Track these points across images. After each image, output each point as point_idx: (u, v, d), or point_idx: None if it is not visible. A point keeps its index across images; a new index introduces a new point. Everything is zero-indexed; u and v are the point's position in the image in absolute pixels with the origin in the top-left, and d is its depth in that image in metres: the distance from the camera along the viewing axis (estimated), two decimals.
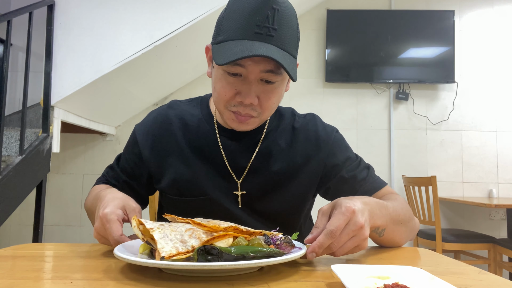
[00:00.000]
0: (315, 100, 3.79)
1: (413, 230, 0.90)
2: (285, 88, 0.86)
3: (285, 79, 0.83)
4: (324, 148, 0.96)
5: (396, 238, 0.83)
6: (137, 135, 0.98)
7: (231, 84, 0.79)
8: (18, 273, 0.60)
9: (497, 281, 0.58)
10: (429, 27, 3.70)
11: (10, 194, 2.14)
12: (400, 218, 0.82)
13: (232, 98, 0.81)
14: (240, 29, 0.75)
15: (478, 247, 2.96)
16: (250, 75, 0.77)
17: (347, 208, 0.65)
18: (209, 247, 0.54)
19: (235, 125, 0.85)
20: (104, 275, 0.58)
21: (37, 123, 2.81)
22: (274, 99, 0.82)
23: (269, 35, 0.74)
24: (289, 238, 0.65)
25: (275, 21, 0.74)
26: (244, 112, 0.81)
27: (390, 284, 0.50)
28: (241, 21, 0.75)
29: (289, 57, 0.76)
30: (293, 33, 0.77)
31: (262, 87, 0.79)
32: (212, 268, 0.52)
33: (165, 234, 0.59)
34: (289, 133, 0.97)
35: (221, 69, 0.79)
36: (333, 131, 1.01)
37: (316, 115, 1.04)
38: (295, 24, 0.78)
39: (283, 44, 0.75)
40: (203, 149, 0.94)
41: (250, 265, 0.53)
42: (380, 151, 3.75)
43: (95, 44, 2.54)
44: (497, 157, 3.71)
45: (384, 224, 0.76)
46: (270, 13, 0.73)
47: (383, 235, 0.79)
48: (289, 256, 0.58)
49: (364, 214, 0.66)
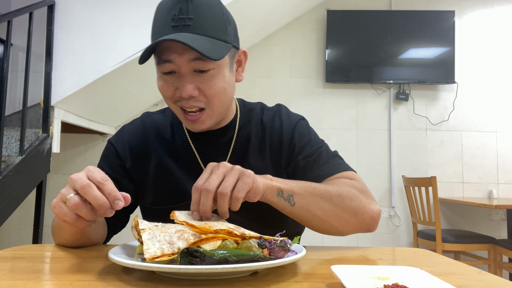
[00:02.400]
0: (315, 100, 3.79)
1: (356, 215, 0.83)
2: (231, 75, 0.85)
3: (223, 65, 0.82)
4: (287, 135, 0.96)
5: (317, 212, 0.80)
6: (116, 147, 0.96)
7: (168, 82, 0.82)
8: (18, 274, 0.60)
9: (497, 281, 0.58)
10: (429, 27, 3.70)
11: (10, 194, 2.14)
12: (323, 192, 0.81)
13: (174, 95, 0.82)
14: (160, 27, 0.79)
15: (478, 247, 2.96)
16: (181, 68, 0.79)
17: (209, 165, 0.71)
18: (193, 249, 0.53)
19: (190, 126, 0.86)
20: (104, 276, 0.58)
21: (37, 123, 2.81)
22: (216, 87, 0.81)
23: (185, 25, 0.76)
24: (284, 242, 0.63)
25: (189, 11, 0.76)
26: (188, 105, 0.82)
27: (390, 284, 0.50)
28: (161, 21, 0.79)
29: (212, 41, 0.77)
30: (215, 18, 0.79)
31: (199, 78, 0.80)
32: (188, 271, 0.51)
33: (154, 235, 0.59)
34: (259, 127, 0.98)
35: (158, 71, 0.83)
36: (297, 118, 1.00)
37: (282, 105, 1.03)
38: (217, 10, 0.80)
39: (204, 31, 0.77)
40: (179, 155, 0.94)
41: (229, 270, 0.51)
42: (380, 152, 3.75)
43: (95, 44, 2.54)
44: (497, 157, 3.71)
45: (287, 188, 0.78)
46: (183, 6, 0.76)
47: (294, 203, 0.78)
48: (271, 262, 0.55)
49: (226, 164, 0.71)
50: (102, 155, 0.98)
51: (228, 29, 0.81)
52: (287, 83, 3.83)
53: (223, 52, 0.78)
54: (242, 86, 3.77)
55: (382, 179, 3.72)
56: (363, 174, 3.54)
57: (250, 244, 0.59)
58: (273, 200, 0.78)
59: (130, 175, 0.95)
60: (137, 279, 0.57)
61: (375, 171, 3.72)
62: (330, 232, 0.85)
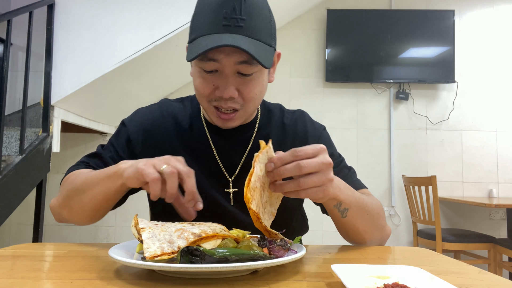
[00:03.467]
0: (315, 100, 3.79)
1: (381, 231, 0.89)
2: (267, 78, 0.86)
3: (265, 70, 0.83)
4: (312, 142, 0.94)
5: (359, 226, 0.83)
6: (129, 129, 0.95)
7: (208, 80, 0.80)
8: (18, 273, 0.60)
9: (497, 281, 0.58)
10: (429, 27, 3.70)
11: (10, 194, 2.14)
12: (367, 207, 0.83)
13: (212, 94, 0.81)
14: (209, 24, 0.75)
15: (478, 247, 2.96)
16: (225, 68, 0.77)
17: (318, 145, 0.67)
18: (193, 248, 0.53)
19: (220, 123, 0.86)
20: (104, 275, 0.58)
21: (37, 123, 2.81)
22: (255, 90, 0.81)
23: (237, 25, 0.74)
24: (284, 241, 0.63)
25: (242, 11, 0.74)
26: (226, 105, 0.81)
27: (390, 283, 0.50)
28: (210, 15, 0.75)
29: (262, 45, 0.76)
30: (264, 21, 0.77)
31: (240, 80, 0.79)
32: (188, 270, 0.51)
33: (153, 234, 0.59)
34: (279, 128, 0.98)
35: (197, 67, 0.80)
36: (321, 128, 1.02)
37: (305, 112, 1.04)
38: (266, 12, 0.78)
39: (254, 33, 0.75)
40: (195, 147, 0.93)
41: (229, 269, 0.52)
42: (380, 151, 3.75)
43: (95, 44, 2.54)
44: (497, 157, 3.71)
45: (346, 201, 0.77)
46: (237, 4, 0.74)
47: (346, 216, 0.79)
48: (271, 261, 0.55)
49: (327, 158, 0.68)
50: (113, 134, 0.98)
51: (273, 33, 0.81)
52: (287, 83, 3.82)
53: (271, 58, 0.78)
54: None
55: (382, 178, 3.72)
56: (363, 174, 3.54)
57: (250, 243, 0.59)
58: (329, 207, 0.78)
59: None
60: (137, 278, 0.57)
61: (375, 170, 3.72)
62: (355, 242, 0.89)
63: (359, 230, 0.84)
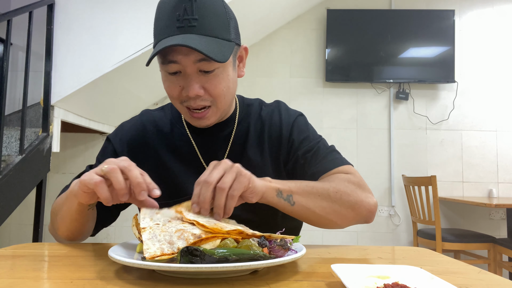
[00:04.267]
0: (315, 100, 3.79)
1: (354, 209, 0.85)
2: (234, 73, 0.87)
3: (227, 64, 0.83)
4: (286, 130, 0.98)
5: (316, 209, 0.82)
6: (114, 144, 0.97)
7: (174, 82, 0.83)
8: (18, 273, 0.60)
9: (497, 280, 0.58)
10: (429, 26, 3.70)
11: (10, 193, 2.14)
12: (318, 189, 0.83)
13: (180, 95, 0.83)
14: (165, 27, 0.78)
15: (478, 246, 2.96)
16: (186, 68, 0.80)
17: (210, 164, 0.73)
18: (192, 248, 0.53)
19: (195, 122, 0.88)
20: (104, 275, 0.58)
21: (37, 123, 2.81)
22: (220, 86, 0.83)
23: (190, 26, 0.76)
24: (284, 240, 0.63)
25: (194, 11, 0.76)
26: (195, 104, 0.83)
27: (390, 283, 0.50)
28: (165, 20, 0.79)
29: (217, 41, 0.78)
30: (219, 17, 0.79)
31: (204, 77, 0.81)
32: (188, 270, 0.51)
33: (154, 235, 0.59)
34: (258, 122, 0.99)
35: (163, 71, 0.83)
36: (295, 115, 1.01)
37: (281, 102, 1.05)
38: (220, 8, 0.80)
39: (208, 31, 0.77)
40: (179, 150, 0.96)
41: (229, 268, 0.52)
42: (380, 151, 3.75)
43: (95, 44, 2.54)
44: (497, 157, 3.71)
45: (285, 189, 0.79)
46: (187, 6, 0.76)
47: (294, 203, 0.80)
48: (271, 261, 0.55)
49: (227, 161, 0.72)
50: (100, 151, 0.99)
51: (231, 27, 0.82)
52: (287, 83, 3.82)
53: (228, 53, 0.79)
54: (242, 85, 3.77)
55: (382, 178, 3.72)
56: (363, 173, 3.53)
57: (250, 243, 0.59)
58: (273, 201, 0.79)
59: None
60: (137, 278, 0.57)
61: (375, 170, 3.72)
62: (329, 227, 0.87)
63: (320, 215, 0.83)
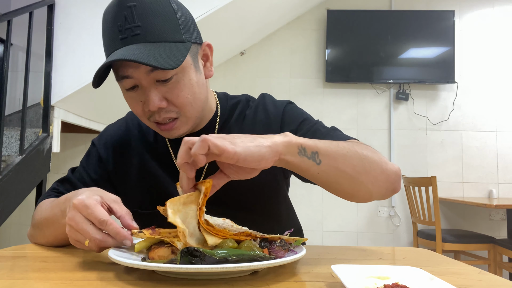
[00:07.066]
0: (315, 100, 3.80)
1: (384, 170, 0.76)
2: (197, 76, 0.78)
3: (186, 68, 0.75)
4: (275, 123, 0.90)
5: (346, 168, 0.70)
6: (99, 149, 0.94)
7: (134, 98, 0.77)
8: (18, 274, 0.60)
9: (497, 281, 0.58)
10: (429, 27, 3.70)
11: (10, 194, 2.14)
12: (347, 148, 0.72)
13: (143, 110, 0.77)
14: (110, 41, 0.73)
15: (478, 247, 2.96)
16: (141, 81, 0.73)
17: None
18: (192, 249, 0.53)
19: (166, 134, 0.81)
20: (104, 275, 0.58)
21: (37, 123, 2.81)
22: (183, 93, 0.75)
23: (134, 35, 0.70)
24: (284, 241, 0.63)
25: (135, 18, 0.70)
26: (161, 118, 0.76)
27: (390, 284, 0.50)
28: (109, 33, 0.73)
29: (166, 46, 0.71)
30: (166, 19, 0.72)
31: (163, 87, 0.74)
32: (188, 271, 0.51)
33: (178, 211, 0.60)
34: (241, 120, 0.92)
35: (121, 88, 0.78)
36: (283, 104, 0.93)
37: (266, 94, 0.96)
38: (165, 8, 0.72)
39: (154, 36, 0.70)
40: (162, 159, 0.91)
41: (229, 269, 0.52)
42: (380, 151, 3.73)
43: (95, 44, 2.54)
44: (497, 157, 3.71)
45: (311, 145, 0.67)
46: (127, 13, 0.70)
47: (320, 161, 0.68)
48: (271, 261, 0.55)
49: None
50: (84, 155, 0.97)
51: (183, 27, 0.74)
52: (287, 83, 3.83)
53: (182, 56, 0.71)
54: (242, 86, 3.78)
55: None
56: None
57: (251, 244, 0.59)
58: (295, 160, 0.66)
59: (112, 178, 0.93)
60: (137, 279, 0.57)
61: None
62: (360, 193, 0.75)
63: (351, 175, 0.71)
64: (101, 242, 0.61)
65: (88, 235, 0.60)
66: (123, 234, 0.61)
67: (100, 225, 0.61)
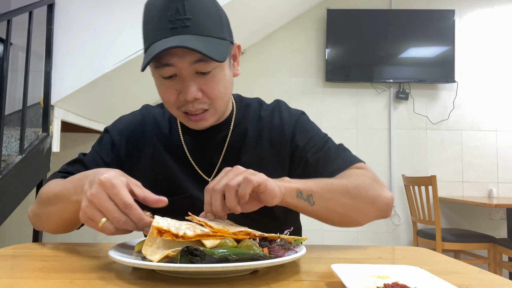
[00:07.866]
0: (315, 99, 3.79)
1: (372, 204, 0.84)
2: (230, 73, 0.84)
3: (224, 64, 0.80)
4: (288, 130, 0.94)
5: (336, 208, 0.80)
6: (112, 135, 0.95)
7: (170, 87, 0.79)
8: (18, 273, 0.60)
9: (497, 280, 0.58)
10: (429, 26, 3.70)
11: (10, 193, 2.14)
12: (338, 187, 0.80)
13: (177, 100, 0.80)
14: (157, 29, 0.75)
15: (478, 246, 2.96)
16: (182, 71, 0.76)
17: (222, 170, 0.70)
18: (193, 248, 0.53)
19: (192, 125, 0.85)
20: (104, 275, 0.58)
21: (37, 123, 2.81)
22: (218, 87, 0.80)
23: (184, 26, 0.73)
24: (284, 240, 0.63)
25: (186, 11, 0.73)
26: (194, 108, 0.80)
27: (390, 283, 0.50)
28: (156, 22, 0.75)
29: (212, 40, 0.75)
30: (211, 16, 0.76)
31: (201, 79, 0.78)
32: (188, 270, 0.51)
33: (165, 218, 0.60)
34: (256, 122, 0.96)
35: (157, 75, 0.80)
36: (297, 114, 0.98)
37: (281, 101, 1.01)
38: (212, 6, 0.77)
39: (202, 30, 0.75)
40: (174, 150, 0.94)
41: (229, 268, 0.52)
42: (380, 151, 3.75)
43: (95, 44, 2.54)
44: (497, 156, 3.71)
45: (307, 189, 0.76)
46: (179, 5, 0.73)
47: (314, 203, 0.77)
48: (271, 261, 0.55)
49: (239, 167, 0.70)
50: (96, 141, 0.97)
51: (224, 25, 0.79)
52: (287, 82, 3.82)
53: (226, 52, 0.76)
54: (242, 85, 3.77)
55: (382, 178, 3.72)
56: None
57: (251, 243, 0.59)
58: (293, 202, 0.75)
59: (124, 165, 0.94)
60: (137, 278, 0.57)
61: (375, 170, 3.66)
62: (350, 225, 0.85)
63: (340, 213, 0.81)
64: (123, 224, 0.60)
65: (112, 215, 0.60)
66: (146, 221, 0.61)
67: (124, 208, 0.60)
